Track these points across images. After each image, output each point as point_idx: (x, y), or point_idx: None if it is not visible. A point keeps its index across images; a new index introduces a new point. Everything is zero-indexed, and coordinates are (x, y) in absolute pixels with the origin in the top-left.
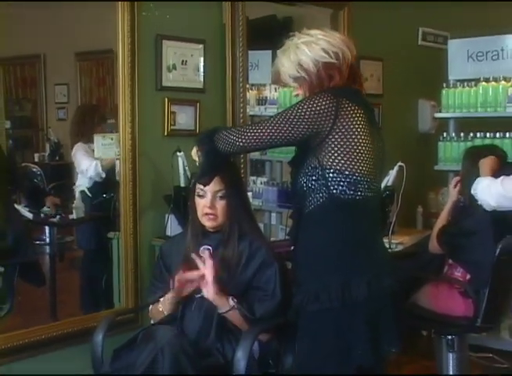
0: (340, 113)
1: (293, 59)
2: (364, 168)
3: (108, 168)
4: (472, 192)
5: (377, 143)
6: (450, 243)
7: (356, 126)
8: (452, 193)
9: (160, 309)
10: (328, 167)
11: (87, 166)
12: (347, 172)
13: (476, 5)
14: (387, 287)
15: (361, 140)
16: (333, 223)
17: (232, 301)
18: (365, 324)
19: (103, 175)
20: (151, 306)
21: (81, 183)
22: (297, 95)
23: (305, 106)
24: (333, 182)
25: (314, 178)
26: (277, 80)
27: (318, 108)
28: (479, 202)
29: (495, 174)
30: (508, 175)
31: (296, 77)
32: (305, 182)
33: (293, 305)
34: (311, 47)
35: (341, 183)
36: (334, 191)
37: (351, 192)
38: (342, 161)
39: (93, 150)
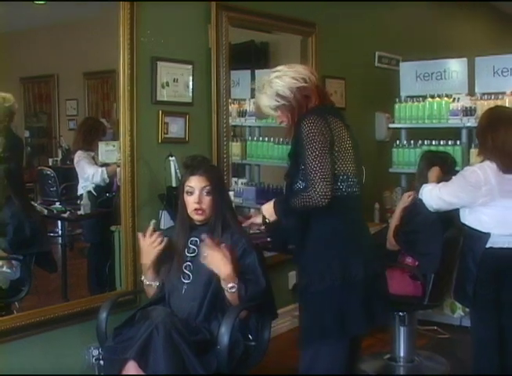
0: (332, 128)
1: (270, 93)
2: (353, 169)
3: (112, 174)
4: (419, 196)
5: (356, 146)
6: (405, 240)
7: (343, 136)
8: (404, 199)
9: (144, 281)
10: None
11: (93, 173)
12: (341, 173)
13: (423, 34)
14: (377, 268)
15: (348, 147)
16: (332, 216)
17: (236, 280)
18: (361, 299)
19: (107, 181)
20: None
21: (86, 185)
22: (281, 123)
23: (307, 128)
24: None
25: None
26: (261, 114)
27: (316, 125)
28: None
29: (441, 180)
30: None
31: (277, 107)
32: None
33: (300, 287)
34: (282, 79)
35: (337, 185)
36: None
37: (345, 191)
38: (340, 167)
39: (93, 158)
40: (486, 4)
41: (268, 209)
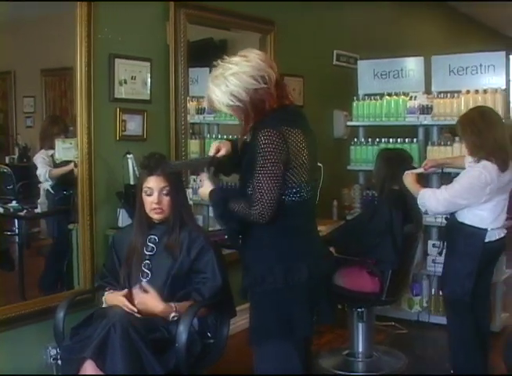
0: (289, 142)
1: (225, 90)
2: (305, 177)
3: (55, 176)
4: (418, 202)
5: (312, 151)
6: (365, 248)
7: (300, 148)
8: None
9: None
10: None
11: (39, 172)
12: (294, 186)
13: (381, 33)
14: (323, 269)
15: (303, 157)
16: (277, 220)
17: (174, 309)
18: (306, 302)
19: (50, 182)
20: (106, 295)
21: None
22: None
23: (263, 143)
24: (281, 195)
25: None
26: (211, 106)
27: (272, 142)
28: (423, 209)
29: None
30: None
31: (230, 105)
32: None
33: (243, 287)
34: (238, 77)
35: (289, 194)
36: (281, 199)
37: (295, 198)
38: (291, 178)
39: (51, 156)
40: (443, 4)
41: (203, 195)
